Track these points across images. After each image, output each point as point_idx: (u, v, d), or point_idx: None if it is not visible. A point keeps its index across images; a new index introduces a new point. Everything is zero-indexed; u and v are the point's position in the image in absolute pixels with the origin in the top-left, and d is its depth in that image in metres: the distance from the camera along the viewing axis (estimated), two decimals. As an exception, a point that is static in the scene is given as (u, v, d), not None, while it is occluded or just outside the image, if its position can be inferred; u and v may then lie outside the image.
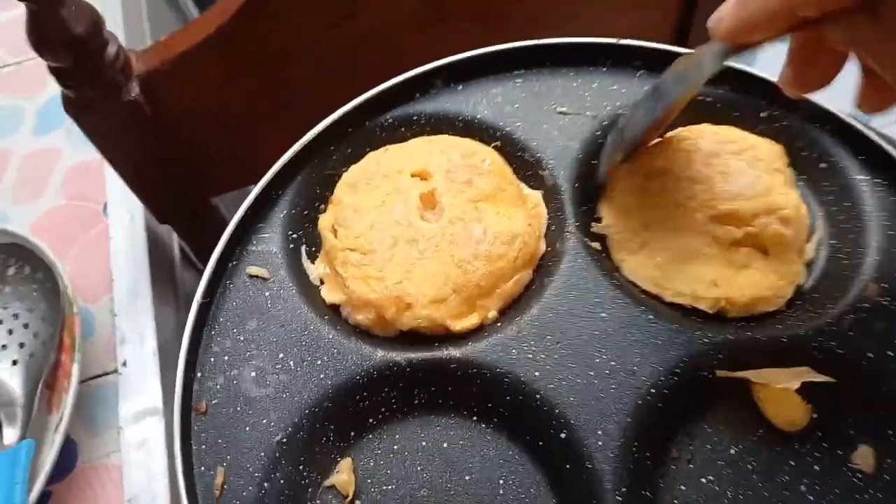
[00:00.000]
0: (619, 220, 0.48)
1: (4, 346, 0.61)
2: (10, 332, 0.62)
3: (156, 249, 0.75)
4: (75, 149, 0.83)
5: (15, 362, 0.60)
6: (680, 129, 0.51)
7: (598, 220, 0.49)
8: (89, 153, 0.80)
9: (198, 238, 0.81)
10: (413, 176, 0.48)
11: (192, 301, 0.79)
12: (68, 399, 0.58)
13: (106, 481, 0.60)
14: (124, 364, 0.65)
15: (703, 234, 0.47)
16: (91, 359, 0.65)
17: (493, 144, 0.51)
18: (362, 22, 0.64)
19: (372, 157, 0.50)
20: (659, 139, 0.50)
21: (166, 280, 0.76)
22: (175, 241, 0.81)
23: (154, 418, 0.62)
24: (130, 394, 0.64)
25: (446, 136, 0.51)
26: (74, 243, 0.75)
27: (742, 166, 0.48)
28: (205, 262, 0.84)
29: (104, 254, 0.74)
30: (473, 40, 0.54)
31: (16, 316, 0.63)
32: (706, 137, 0.49)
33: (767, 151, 0.49)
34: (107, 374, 0.66)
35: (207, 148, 0.71)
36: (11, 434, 0.56)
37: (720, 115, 0.52)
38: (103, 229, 0.76)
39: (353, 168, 0.50)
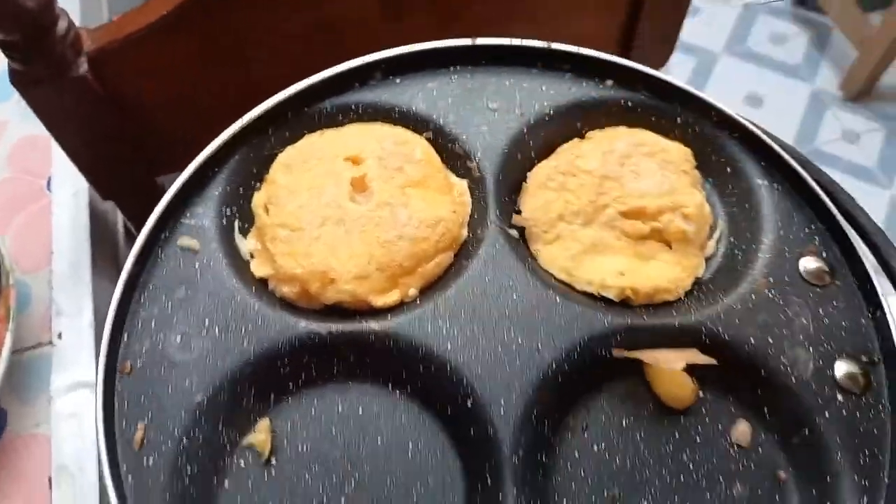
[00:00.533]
0: (536, 213, 0.52)
1: None
2: None
3: (98, 225, 0.76)
4: (22, 122, 0.83)
5: None
6: (597, 130, 0.54)
7: (518, 212, 0.52)
8: (36, 127, 0.80)
9: (142, 216, 0.82)
10: (346, 160, 0.51)
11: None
12: (0, 369, 0.59)
13: (34, 450, 0.60)
14: (59, 336, 0.66)
15: (613, 228, 0.50)
16: (27, 330, 0.66)
17: (424, 135, 0.54)
18: (325, 11, 0.66)
19: (308, 140, 0.53)
20: (578, 139, 0.54)
21: (108, 256, 0.77)
22: (119, 218, 0.82)
23: (86, 390, 0.63)
24: (64, 366, 0.64)
25: (381, 124, 0.54)
26: (16, 216, 0.76)
27: (652, 167, 0.52)
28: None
29: (46, 228, 0.74)
30: (429, 36, 0.57)
31: (-50, 283, 0.63)
32: (622, 139, 0.53)
33: (677, 154, 0.53)
34: (41, 345, 0.67)
35: (156, 128, 0.72)
36: None
37: (637, 119, 0.56)
38: (46, 204, 0.77)
39: (289, 149, 0.52)
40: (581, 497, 0.43)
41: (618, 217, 0.50)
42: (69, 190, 0.78)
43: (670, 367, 0.44)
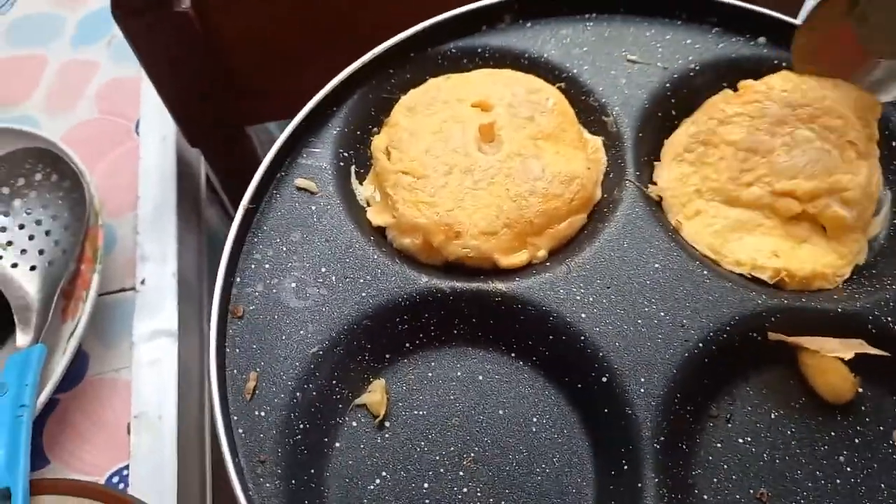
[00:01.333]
0: (673, 185, 0.47)
1: (24, 251, 0.60)
2: (31, 237, 0.61)
3: (184, 173, 0.74)
4: (113, 63, 0.81)
5: (33, 268, 0.59)
6: (751, 81, 0.48)
7: (654, 182, 0.47)
8: (127, 69, 0.78)
9: (227, 166, 0.80)
10: (473, 106, 0.47)
11: (213, 233, 0.78)
12: (85, 309, 0.57)
13: (114, 395, 0.59)
14: (143, 282, 0.65)
15: (760, 206, 0.45)
16: (110, 274, 0.64)
17: (557, 85, 0.50)
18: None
19: (433, 83, 0.49)
20: (727, 92, 0.49)
21: (191, 206, 0.75)
22: (203, 170, 0.80)
23: (168, 339, 0.62)
24: (146, 312, 0.63)
25: (510, 70, 0.49)
26: (103, 158, 0.74)
27: (809, 137, 0.46)
28: (231, 194, 0.83)
29: (132, 171, 0.72)
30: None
31: (38, 222, 0.62)
32: (776, 98, 0.47)
33: (842, 118, 0.47)
34: (124, 290, 0.65)
35: (253, 74, 0.69)
36: (24, 338, 0.55)
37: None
38: (133, 147, 0.75)
39: (413, 92, 0.48)
40: (724, 493, 0.38)
41: (766, 195, 0.45)
42: (157, 135, 0.76)
43: (835, 355, 0.39)
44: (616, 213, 0.45)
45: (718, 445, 0.40)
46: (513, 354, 0.42)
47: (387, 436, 0.40)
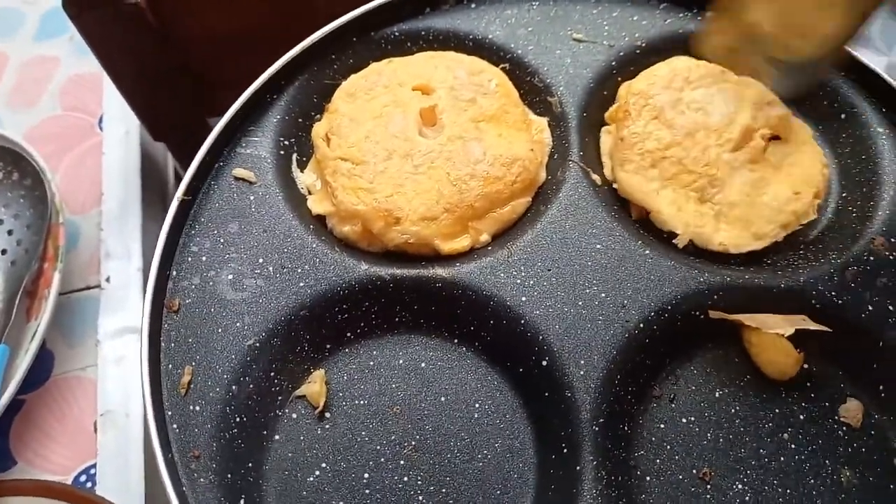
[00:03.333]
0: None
1: None
2: None
3: (149, 168, 0.73)
4: (75, 59, 0.80)
5: None
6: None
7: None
8: (89, 65, 0.77)
9: (192, 159, 0.79)
10: (415, 90, 0.46)
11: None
12: (47, 308, 0.56)
13: (80, 394, 0.59)
14: (108, 280, 0.64)
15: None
16: (74, 272, 0.64)
17: (500, 66, 0.49)
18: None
19: (374, 68, 0.48)
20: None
21: (157, 200, 0.74)
22: (170, 163, 0.79)
23: (134, 336, 0.61)
24: (112, 310, 0.62)
25: (453, 52, 0.48)
26: (67, 154, 0.73)
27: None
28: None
29: (96, 167, 0.72)
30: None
31: (0, 221, 0.61)
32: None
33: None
34: (89, 288, 0.64)
35: (211, 65, 0.68)
36: None
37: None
38: (97, 143, 0.74)
39: (353, 77, 0.48)
40: (666, 474, 0.38)
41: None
42: (120, 129, 0.75)
43: (777, 332, 0.39)
44: (559, 194, 0.44)
45: (661, 426, 0.40)
46: (455, 340, 0.42)
47: (327, 427, 0.40)
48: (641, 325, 0.40)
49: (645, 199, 0.43)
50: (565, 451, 0.37)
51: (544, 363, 0.39)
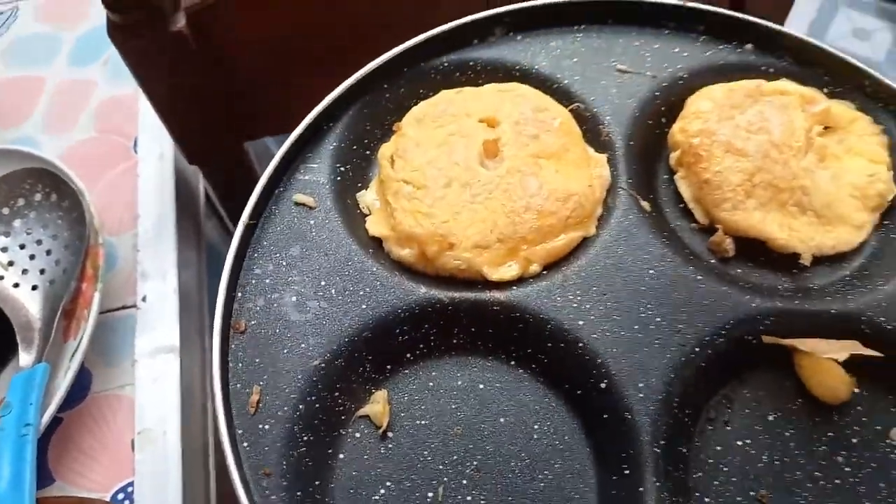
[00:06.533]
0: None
1: (25, 271, 0.60)
2: (32, 257, 0.61)
3: (182, 190, 0.75)
4: (110, 82, 0.82)
5: (35, 287, 0.59)
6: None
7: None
8: (124, 87, 0.79)
9: (225, 183, 0.80)
10: (481, 121, 0.47)
11: (213, 248, 0.79)
12: (87, 328, 0.57)
13: (117, 412, 0.59)
14: (144, 299, 0.65)
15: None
16: (111, 291, 0.65)
17: (569, 108, 0.50)
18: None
19: (444, 96, 0.49)
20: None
21: (190, 222, 0.75)
22: (201, 186, 0.80)
23: (170, 355, 0.62)
24: (148, 329, 0.63)
25: (522, 86, 0.50)
26: (102, 176, 0.75)
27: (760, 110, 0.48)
28: (230, 209, 0.84)
29: (131, 189, 0.73)
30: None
31: (39, 242, 0.62)
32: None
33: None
34: (126, 307, 0.65)
35: (250, 90, 0.69)
36: (27, 358, 0.56)
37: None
38: (132, 165, 0.75)
39: (424, 103, 0.49)
40: (725, 496, 0.39)
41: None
42: (155, 152, 0.76)
43: (830, 356, 0.40)
44: (610, 220, 0.45)
45: (718, 448, 0.40)
46: (512, 362, 0.43)
47: (390, 446, 0.40)
48: (697, 349, 0.41)
49: (757, 231, 0.45)
50: (626, 472, 0.38)
51: (603, 385, 0.40)
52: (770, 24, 0.52)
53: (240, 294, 0.43)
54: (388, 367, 0.42)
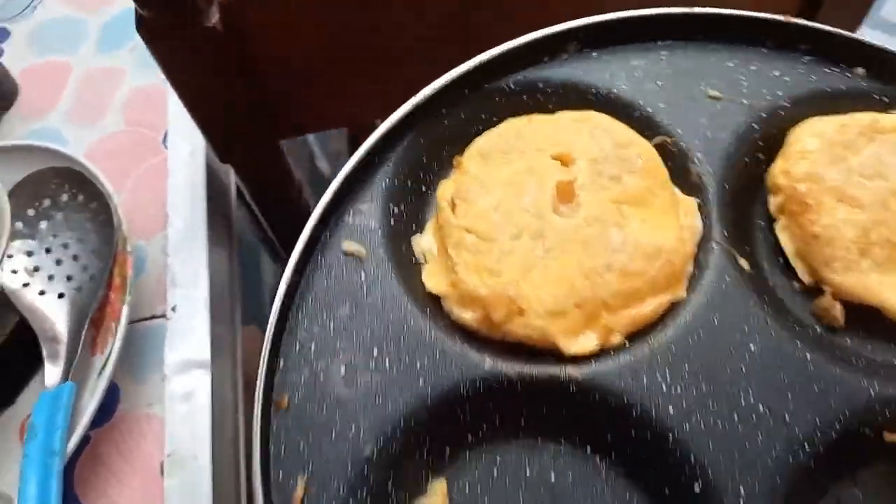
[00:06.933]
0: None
1: (51, 277, 0.56)
2: (59, 262, 0.57)
3: (214, 190, 0.70)
4: (139, 70, 0.77)
5: (61, 295, 0.56)
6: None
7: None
8: (152, 76, 0.74)
9: (259, 182, 0.76)
10: (554, 158, 0.42)
11: (246, 244, 0.74)
12: (115, 342, 0.53)
13: (147, 432, 0.56)
14: (174, 309, 0.61)
15: None
16: (139, 300, 0.61)
17: (653, 142, 0.44)
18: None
19: (512, 125, 0.44)
20: None
21: (222, 222, 0.71)
22: (232, 182, 0.76)
23: (200, 371, 0.58)
24: (178, 342, 0.60)
25: (600, 115, 0.44)
26: (130, 174, 0.70)
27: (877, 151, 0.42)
28: (263, 207, 0.79)
29: (160, 188, 0.69)
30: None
31: (65, 246, 0.58)
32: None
33: None
34: (154, 317, 0.62)
35: (283, 86, 0.65)
36: (54, 373, 0.52)
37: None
38: (161, 161, 0.71)
39: (488, 134, 0.43)
40: None
41: None
42: (185, 149, 0.72)
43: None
44: (702, 281, 0.40)
45: (827, 558, 0.35)
46: (589, 450, 0.38)
47: (450, 545, 0.36)
48: (806, 447, 0.35)
49: (871, 297, 0.39)
50: (724, 592, 0.33)
51: (696, 488, 0.35)
52: (885, 46, 0.45)
53: (282, 363, 0.38)
54: (447, 451, 0.37)
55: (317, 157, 1.04)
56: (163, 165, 0.71)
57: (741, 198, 0.43)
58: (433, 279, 0.41)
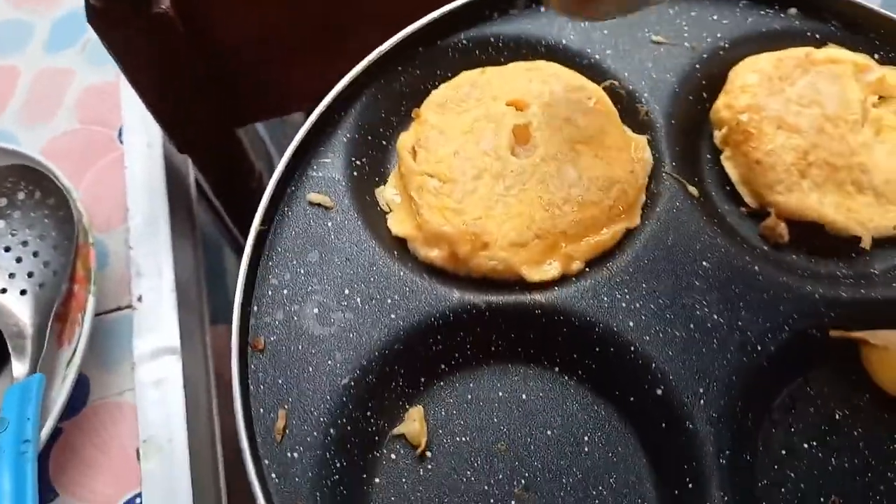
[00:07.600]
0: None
1: (12, 275, 0.56)
2: (19, 259, 0.57)
3: (173, 181, 0.71)
4: (90, 69, 0.77)
5: (24, 292, 0.56)
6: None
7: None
8: (104, 74, 0.74)
9: (218, 172, 0.76)
10: (508, 105, 0.43)
11: (209, 238, 0.74)
12: (83, 333, 0.54)
13: (119, 420, 0.56)
14: (139, 299, 0.61)
15: None
16: (104, 292, 0.61)
17: (602, 85, 0.46)
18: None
19: (466, 77, 0.45)
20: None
21: (183, 214, 0.71)
22: (191, 174, 0.76)
23: (171, 357, 0.58)
24: (146, 330, 0.60)
25: (550, 63, 0.46)
26: (88, 170, 0.70)
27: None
28: (223, 198, 0.80)
29: (119, 182, 0.68)
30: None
31: (25, 243, 0.58)
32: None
33: None
34: (120, 308, 0.62)
35: (238, 71, 0.65)
36: (20, 367, 0.52)
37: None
38: (118, 156, 0.70)
39: (444, 86, 0.45)
40: (794, 503, 0.36)
41: None
42: (142, 141, 0.71)
43: (904, 351, 0.37)
44: (656, 209, 0.42)
45: (783, 452, 0.37)
46: (557, 369, 0.39)
47: (429, 467, 0.37)
48: (759, 348, 0.37)
49: (814, 214, 0.41)
50: (690, 486, 0.35)
51: (659, 392, 0.37)
52: (814, -17, 0.48)
53: (256, 308, 0.39)
54: (423, 380, 0.39)
55: (274, 151, 1.04)
56: (119, 161, 0.70)
57: (688, 133, 0.46)
58: (399, 224, 0.43)
